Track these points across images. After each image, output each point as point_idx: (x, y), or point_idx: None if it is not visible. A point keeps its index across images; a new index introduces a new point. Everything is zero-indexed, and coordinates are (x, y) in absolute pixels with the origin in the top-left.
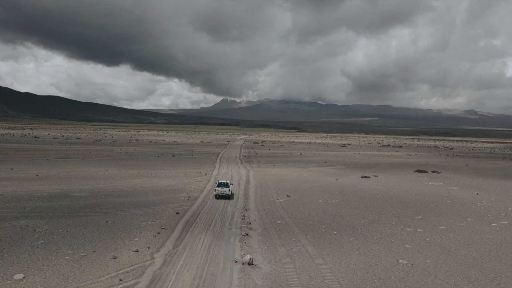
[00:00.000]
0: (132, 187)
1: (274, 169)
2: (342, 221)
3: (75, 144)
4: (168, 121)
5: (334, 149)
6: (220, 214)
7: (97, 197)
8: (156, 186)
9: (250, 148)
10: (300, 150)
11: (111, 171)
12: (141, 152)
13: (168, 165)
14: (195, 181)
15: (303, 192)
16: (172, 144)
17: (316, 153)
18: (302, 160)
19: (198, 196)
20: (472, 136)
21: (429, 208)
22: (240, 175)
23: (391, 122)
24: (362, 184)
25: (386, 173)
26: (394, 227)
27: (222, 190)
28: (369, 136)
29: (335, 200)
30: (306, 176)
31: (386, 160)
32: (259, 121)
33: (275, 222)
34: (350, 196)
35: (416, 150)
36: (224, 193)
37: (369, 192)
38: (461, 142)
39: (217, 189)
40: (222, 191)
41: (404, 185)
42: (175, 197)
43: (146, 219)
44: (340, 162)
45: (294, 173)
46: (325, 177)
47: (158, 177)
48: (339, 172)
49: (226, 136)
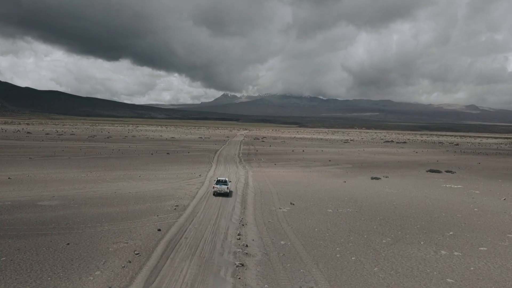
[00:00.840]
0: (114, 192)
1: (276, 169)
2: (360, 240)
3: (67, 141)
4: (168, 116)
5: (337, 146)
6: (211, 231)
7: (68, 206)
8: (141, 191)
9: (250, 145)
10: (302, 146)
11: (96, 173)
12: (134, 149)
13: (161, 164)
14: (186, 185)
15: (309, 198)
16: (169, 140)
17: (319, 150)
18: (305, 158)
19: (188, 204)
20: (474, 131)
21: (457, 220)
22: (238, 177)
23: (392, 117)
24: (373, 187)
25: (396, 173)
26: (424, 248)
27: (220, 187)
28: (371, 132)
29: (347, 209)
30: (310, 178)
31: (393, 158)
32: (260, 116)
33: (278, 243)
34: (363, 203)
35: (421, 146)
36: (223, 190)
37: (383, 198)
38: (465, 138)
39: (215, 187)
40: (221, 188)
41: (420, 188)
42: (161, 206)
43: (118, 239)
44: (346, 160)
45: (297, 174)
46: (332, 178)
47: (146, 179)
48: (346, 172)
49: (226, 131)
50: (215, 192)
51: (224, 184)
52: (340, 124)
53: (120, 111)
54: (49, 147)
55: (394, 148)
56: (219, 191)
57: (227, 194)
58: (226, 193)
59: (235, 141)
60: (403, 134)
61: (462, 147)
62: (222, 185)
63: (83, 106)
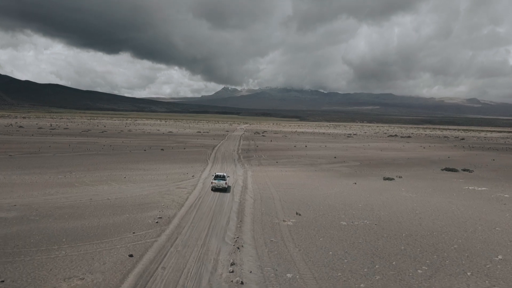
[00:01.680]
0: (90, 199)
1: (277, 168)
2: (388, 270)
3: (58, 136)
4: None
5: (341, 140)
6: (197, 257)
7: (27, 219)
8: (122, 197)
9: (250, 140)
10: (304, 141)
11: (76, 173)
12: (127, 144)
13: (152, 162)
14: (176, 189)
15: (318, 206)
16: (166, 135)
17: (323, 146)
18: (308, 155)
19: (173, 215)
20: (475, 125)
21: (498, 236)
22: (236, 178)
23: (393, 111)
24: (388, 190)
25: (409, 172)
26: (475, 283)
27: (218, 183)
28: (373, 125)
29: (364, 221)
30: (316, 179)
31: (400, 154)
32: (260, 110)
33: (283, 275)
34: (380, 212)
35: (427, 141)
36: (221, 186)
37: (403, 205)
38: (468, 132)
39: (213, 182)
40: (219, 184)
41: (441, 191)
42: (141, 218)
43: (74, 272)
44: (352, 157)
45: (302, 173)
46: (340, 179)
47: (132, 181)
48: (355, 171)
49: (226, 125)
50: (213, 188)
51: (222, 179)
52: (341, 118)
53: (120, 104)
54: (36, 143)
55: (400, 143)
56: (217, 187)
57: (225, 189)
58: (224, 188)
59: (235, 136)
60: (406, 128)
61: (469, 142)
62: (220, 180)
63: (84, 99)
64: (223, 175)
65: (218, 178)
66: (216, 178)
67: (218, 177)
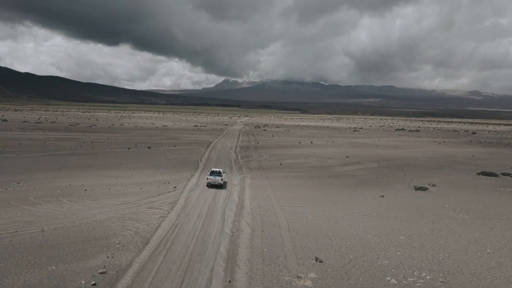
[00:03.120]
0: (15, 232)
1: (282, 173)
2: None
3: (39, 130)
4: (169, 101)
5: (347, 135)
6: None
7: None
8: (64, 227)
9: (250, 135)
10: (309, 137)
11: (24, 184)
12: (113, 141)
13: (130, 166)
14: (147, 209)
15: (343, 241)
16: (159, 129)
17: (329, 141)
18: (316, 154)
19: (127, 265)
20: (479, 117)
21: None
22: (231, 190)
23: (395, 103)
24: (428, 208)
25: (440, 177)
26: None
27: (214, 179)
28: (376, 118)
29: (421, 274)
30: (332, 190)
31: (419, 152)
32: (261, 102)
33: None
34: (436, 252)
35: (438, 136)
36: (217, 182)
37: (461, 237)
38: (475, 125)
39: (209, 178)
40: (214, 180)
41: (500, 209)
42: (71, 275)
43: None
44: (365, 156)
45: (312, 182)
46: (361, 189)
47: (91, 197)
48: (375, 177)
49: (226, 118)
50: (208, 184)
51: (218, 175)
52: (343, 110)
53: (120, 97)
54: (7, 140)
55: (411, 138)
56: (213, 183)
57: (221, 185)
58: (220, 184)
59: (234, 131)
60: (411, 121)
61: (482, 137)
62: (216, 176)
63: (84, 91)
64: (219, 171)
65: (214, 174)
66: (212, 174)
67: (214, 173)
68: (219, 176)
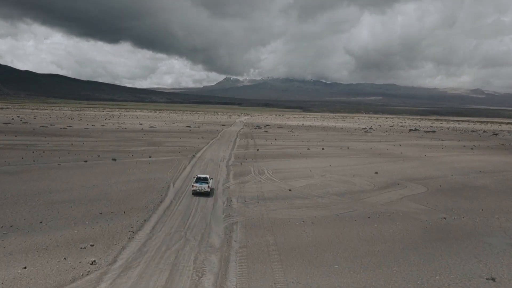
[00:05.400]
0: None
1: (296, 214)
2: None
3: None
4: (169, 100)
5: (360, 137)
6: None
7: None
8: None
9: (249, 138)
10: (317, 140)
11: None
12: (75, 148)
13: (57, 199)
14: None
15: None
16: (144, 131)
17: (344, 147)
18: (334, 169)
19: None
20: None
21: None
22: (203, 272)
23: (396, 101)
24: None
25: None
26: None
27: (200, 186)
28: (381, 117)
29: None
30: (393, 262)
31: (461, 163)
32: (262, 100)
33: None
34: None
35: (459, 137)
36: (203, 189)
37: None
38: (487, 124)
39: (194, 185)
40: (201, 187)
41: None
42: None
43: None
44: (401, 173)
45: (349, 236)
46: (441, 257)
47: None
48: (443, 220)
49: (225, 117)
50: (194, 192)
51: (205, 182)
52: (345, 109)
53: (120, 95)
54: None
55: (432, 141)
56: (199, 191)
57: (208, 193)
58: (207, 192)
59: (231, 133)
60: (418, 120)
61: (508, 138)
62: (203, 184)
63: (84, 89)
64: (205, 177)
65: (200, 181)
66: (198, 180)
67: (200, 179)
68: (206, 183)
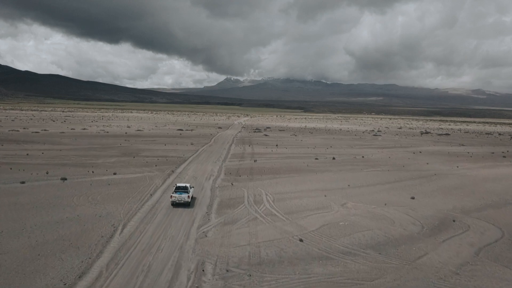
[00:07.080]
0: None
1: None
2: None
3: None
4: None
5: (371, 142)
6: None
7: None
8: None
9: (246, 145)
10: (324, 146)
11: None
12: (27, 160)
13: None
14: None
15: None
16: (126, 136)
17: (358, 156)
18: (356, 195)
19: None
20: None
21: None
22: None
23: (397, 102)
24: None
25: None
26: None
27: (180, 196)
28: (384, 117)
29: None
30: None
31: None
32: (263, 101)
33: None
34: None
35: (477, 142)
36: (183, 200)
37: None
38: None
39: (174, 196)
40: (180, 197)
41: None
42: None
43: None
44: (448, 200)
45: None
46: None
47: None
48: None
49: (223, 118)
50: (173, 202)
51: (185, 191)
52: (347, 109)
53: (120, 95)
54: None
55: (453, 146)
56: (178, 201)
57: (188, 204)
58: (187, 202)
59: (226, 137)
60: (424, 121)
61: None
62: (182, 194)
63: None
64: (185, 186)
65: (180, 191)
66: (177, 190)
67: (179, 189)
68: (186, 192)
